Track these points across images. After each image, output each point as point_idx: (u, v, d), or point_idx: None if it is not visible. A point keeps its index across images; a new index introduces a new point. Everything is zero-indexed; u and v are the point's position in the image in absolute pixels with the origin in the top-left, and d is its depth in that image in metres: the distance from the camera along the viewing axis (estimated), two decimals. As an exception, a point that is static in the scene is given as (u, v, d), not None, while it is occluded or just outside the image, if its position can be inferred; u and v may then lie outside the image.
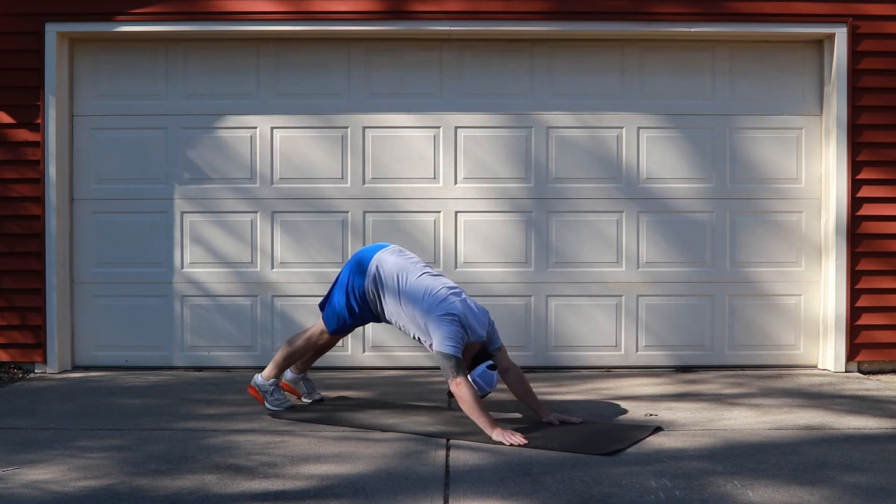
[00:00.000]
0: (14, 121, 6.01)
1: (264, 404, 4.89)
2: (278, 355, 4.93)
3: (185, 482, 3.55)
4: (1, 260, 6.05)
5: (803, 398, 5.26)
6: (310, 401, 5.11)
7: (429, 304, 4.44)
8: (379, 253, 4.69)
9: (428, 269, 4.65)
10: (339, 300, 4.75)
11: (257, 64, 6.23)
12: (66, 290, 6.15)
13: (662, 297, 6.29)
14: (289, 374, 5.12)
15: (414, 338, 4.63)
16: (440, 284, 4.53)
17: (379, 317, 4.75)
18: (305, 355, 4.98)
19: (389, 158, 6.25)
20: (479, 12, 6.01)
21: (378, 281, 4.61)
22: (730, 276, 6.29)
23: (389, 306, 4.61)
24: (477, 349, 4.46)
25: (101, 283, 6.22)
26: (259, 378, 4.93)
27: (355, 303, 4.70)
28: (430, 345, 4.46)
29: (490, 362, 4.39)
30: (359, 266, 4.69)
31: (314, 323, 5.03)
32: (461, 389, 4.26)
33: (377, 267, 4.63)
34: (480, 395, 4.35)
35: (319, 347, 4.97)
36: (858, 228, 6.11)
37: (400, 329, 4.70)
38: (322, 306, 4.90)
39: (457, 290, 4.53)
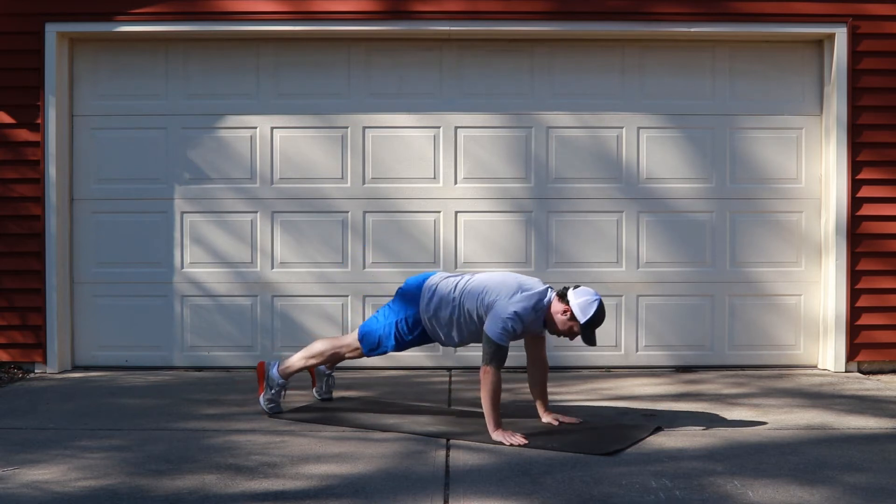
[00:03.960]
0: (14, 121, 6.01)
1: (260, 394, 4.80)
2: (304, 354, 4.81)
3: (186, 482, 3.55)
4: (1, 260, 6.05)
5: (803, 398, 5.26)
6: (319, 397, 5.10)
7: (488, 293, 4.38)
8: (429, 279, 4.61)
9: (477, 273, 4.62)
10: (385, 325, 4.62)
11: (257, 64, 6.23)
12: (66, 290, 6.15)
13: (662, 297, 6.29)
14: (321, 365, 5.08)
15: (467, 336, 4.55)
16: (493, 273, 4.54)
17: (435, 340, 4.63)
18: (329, 362, 4.92)
19: (389, 158, 6.25)
20: (479, 12, 6.02)
21: (432, 302, 4.51)
22: (730, 276, 6.29)
23: (453, 320, 4.49)
24: (556, 297, 4.37)
25: (101, 283, 6.22)
26: (274, 369, 4.78)
27: (406, 329, 4.59)
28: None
29: (569, 285, 4.37)
30: (409, 295, 4.61)
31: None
32: (486, 378, 4.23)
33: (430, 292, 4.54)
34: (597, 309, 4.26)
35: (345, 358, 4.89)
36: (858, 228, 6.11)
37: (465, 342, 4.58)
38: (362, 326, 4.75)
39: (509, 274, 4.53)
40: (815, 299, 6.30)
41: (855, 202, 6.10)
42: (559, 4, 6.02)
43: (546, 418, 4.58)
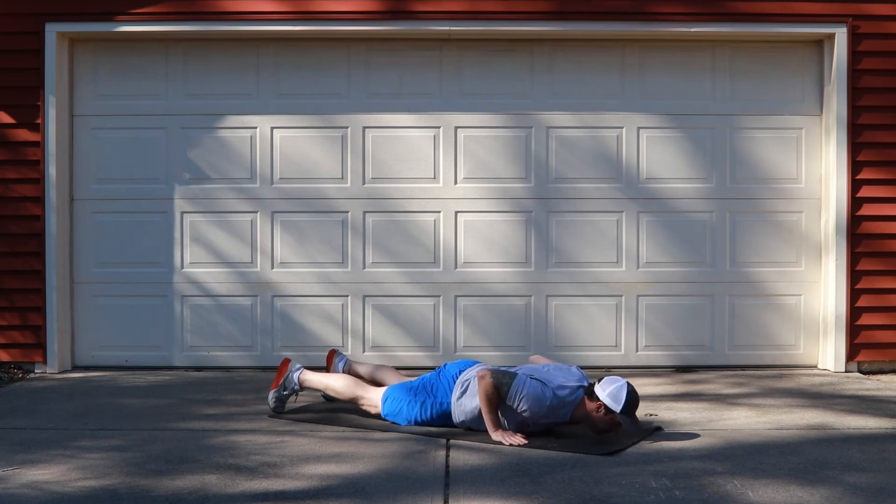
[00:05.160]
0: (14, 121, 6.01)
1: (272, 388, 4.78)
2: (325, 381, 4.76)
3: (186, 482, 3.55)
4: (1, 260, 6.05)
5: (803, 398, 5.26)
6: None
7: (537, 374, 4.32)
8: (467, 371, 4.54)
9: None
10: (411, 403, 4.52)
11: (257, 64, 6.23)
12: (67, 290, 6.15)
13: (662, 296, 6.29)
14: (340, 367, 5.05)
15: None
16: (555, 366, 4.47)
17: (461, 427, 4.50)
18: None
19: (389, 158, 6.25)
20: (479, 12, 6.01)
21: (464, 395, 4.43)
22: (730, 276, 6.29)
23: (476, 411, 4.38)
24: (585, 395, 4.26)
25: (101, 283, 6.22)
26: (295, 375, 4.77)
27: (429, 414, 4.48)
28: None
29: (593, 381, 4.29)
30: (443, 383, 4.55)
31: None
32: (482, 382, 4.21)
33: (463, 387, 4.45)
34: (628, 396, 4.12)
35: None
36: (858, 228, 6.11)
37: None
38: (390, 389, 4.67)
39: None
40: (815, 299, 6.30)
41: (855, 202, 6.10)
42: (559, 4, 6.02)
43: (546, 418, 4.58)
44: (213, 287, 6.24)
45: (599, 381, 4.26)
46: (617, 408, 4.15)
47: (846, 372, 6.12)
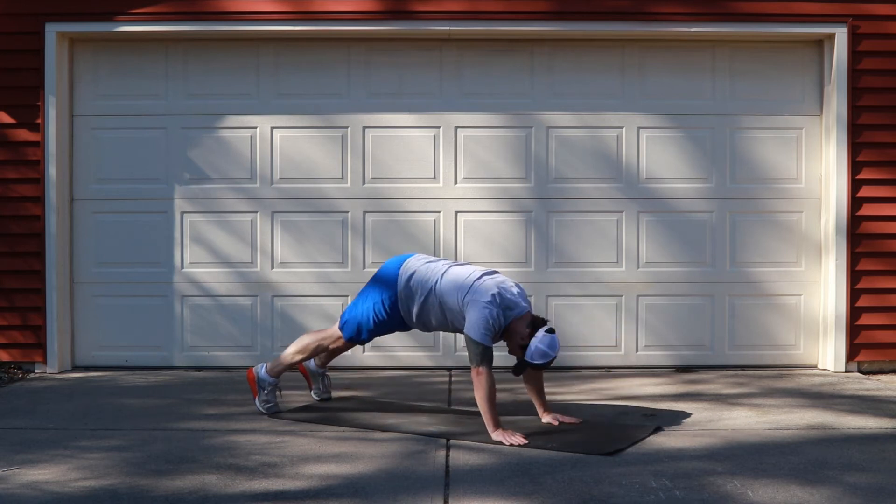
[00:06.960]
0: (14, 121, 6.02)
1: (255, 399, 4.80)
2: (289, 350, 4.83)
3: (186, 482, 3.55)
4: (1, 260, 6.05)
5: (803, 398, 5.26)
6: (318, 398, 5.11)
7: (464, 289, 4.41)
8: (407, 262, 4.66)
9: (457, 263, 4.67)
10: (363, 310, 4.66)
11: (257, 64, 6.24)
12: (67, 290, 6.15)
13: (663, 296, 6.29)
14: (312, 364, 5.08)
15: (457, 331, 4.58)
16: (471, 269, 4.54)
17: (408, 324, 4.68)
18: (316, 355, 4.95)
19: (389, 158, 6.25)
20: (479, 12, 6.02)
21: (410, 286, 4.56)
22: (730, 276, 6.30)
23: (426, 307, 4.54)
24: (528, 319, 4.39)
25: (101, 283, 6.22)
26: (262, 370, 4.81)
27: (383, 312, 4.62)
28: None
29: (549, 326, 4.38)
30: (386, 277, 4.64)
31: (325, 326, 5.03)
32: (480, 379, 4.25)
33: (407, 275, 4.57)
34: (546, 362, 4.34)
35: (333, 350, 4.95)
36: (858, 228, 6.12)
37: (432, 329, 4.64)
38: (343, 315, 4.79)
39: (490, 272, 4.52)
40: (815, 299, 6.30)
41: (855, 202, 6.11)
42: (559, 4, 6.02)
43: (546, 418, 4.58)
44: (213, 287, 6.24)
45: (549, 330, 4.34)
46: (526, 356, 4.32)
47: (846, 372, 6.13)
